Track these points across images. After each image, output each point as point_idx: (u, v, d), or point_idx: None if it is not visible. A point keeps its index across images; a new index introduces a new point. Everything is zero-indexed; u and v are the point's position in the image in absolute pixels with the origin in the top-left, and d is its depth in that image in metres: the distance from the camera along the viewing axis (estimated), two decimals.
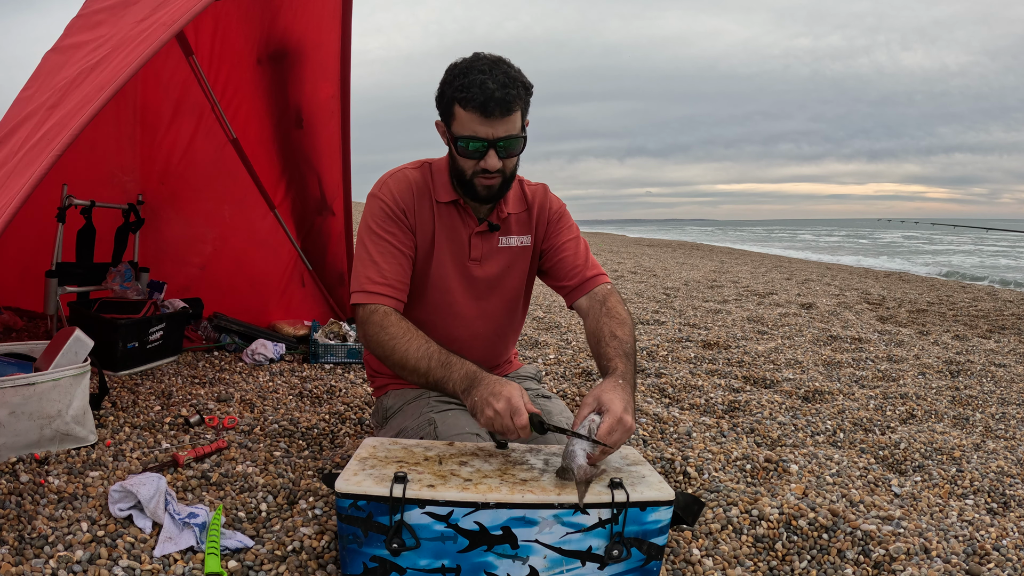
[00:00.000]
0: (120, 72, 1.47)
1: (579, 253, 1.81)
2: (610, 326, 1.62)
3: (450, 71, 1.56)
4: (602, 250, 17.30)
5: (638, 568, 1.32)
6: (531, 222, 1.82)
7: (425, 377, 1.51)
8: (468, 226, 1.75)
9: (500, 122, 1.52)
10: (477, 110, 1.51)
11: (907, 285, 10.18)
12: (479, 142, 1.55)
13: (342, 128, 3.44)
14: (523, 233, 1.81)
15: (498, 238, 1.78)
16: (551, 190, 1.89)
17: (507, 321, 1.91)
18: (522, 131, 1.59)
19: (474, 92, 1.49)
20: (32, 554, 1.37)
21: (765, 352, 4.22)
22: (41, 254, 3.03)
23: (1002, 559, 1.64)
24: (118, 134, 3.36)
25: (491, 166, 1.57)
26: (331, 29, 3.16)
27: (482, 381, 1.42)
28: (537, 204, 1.83)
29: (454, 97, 1.54)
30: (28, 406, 1.85)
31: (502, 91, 1.49)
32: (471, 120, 1.53)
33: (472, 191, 1.64)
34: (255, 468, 1.93)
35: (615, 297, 1.73)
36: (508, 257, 1.81)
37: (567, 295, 1.81)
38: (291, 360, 3.38)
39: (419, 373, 1.51)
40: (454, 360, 1.49)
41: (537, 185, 1.87)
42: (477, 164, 1.58)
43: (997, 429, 2.87)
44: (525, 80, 1.56)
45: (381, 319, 1.58)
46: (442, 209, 1.73)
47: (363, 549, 1.27)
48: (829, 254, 22.48)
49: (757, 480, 2.12)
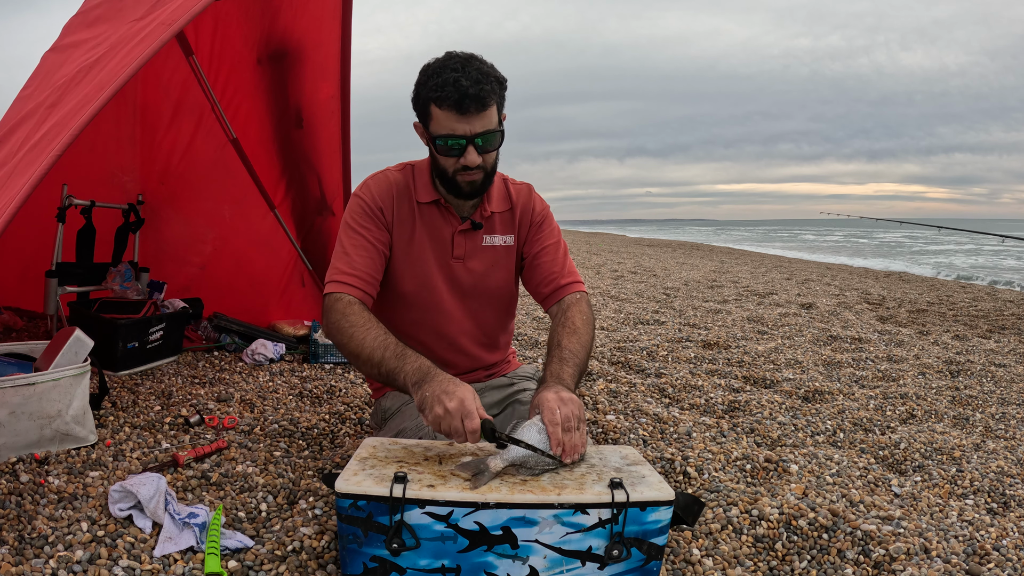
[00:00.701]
0: (120, 72, 1.47)
1: (556, 260, 1.82)
2: (560, 335, 1.65)
3: (423, 72, 1.58)
4: (602, 250, 17.30)
5: (638, 568, 1.32)
6: (514, 222, 1.83)
7: (378, 367, 1.50)
8: (451, 224, 1.76)
9: (476, 118, 1.54)
10: (453, 108, 1.52)
11: (907, 285, 10.18)
12: (457, 139, 1.56)
13: (342, 128, 3.44)
14: (507, 232, 1.82)
15: (482, 236, 1.79)
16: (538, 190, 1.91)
17: (496, 319, 1.91)
18: (499, 125, 1.61)
19: (448, 90, 1.51)
20: (32, 554, 1.37)
21: (765, 352, 4.22)
22: (41, 254, 3.03)
23: (1002, 559, 1.64)
24: (118, 134, 3.36)
25: (471, 162, 1.58)
26: (331, 29, 3.17)
27: (435, 377, 1.41)
28: (521, 204, 1.84)
29: (429, 97, 1.55)
30: (28, 406, 1.85)
31: (476, 87, 1.51)
32: (447, 118, 1.54)
33: (456, 188, 1.66)
34: (255, 468, 1.93)
35: (577, 307, 1.73)
36: (492, 256, 1.81)
37: (541, 302, 1.84)
38: (291, 360, 3.38)
39: (372, 363, 1.50)
40: (409, 353, 1.48)
41: (522, 184, 1.87)
42: (457, 161, 1.60)
43: (997, 429, 2.87)
44: (498, 75, 1.57)
45: (344, 308, 1.58)
46: (423, 209, 1.74)
47: (363, 549, 1.27)
48: (825, 254, 22.45)
49: (757, 480, 2.12)
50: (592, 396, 2.81)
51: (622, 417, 2.60)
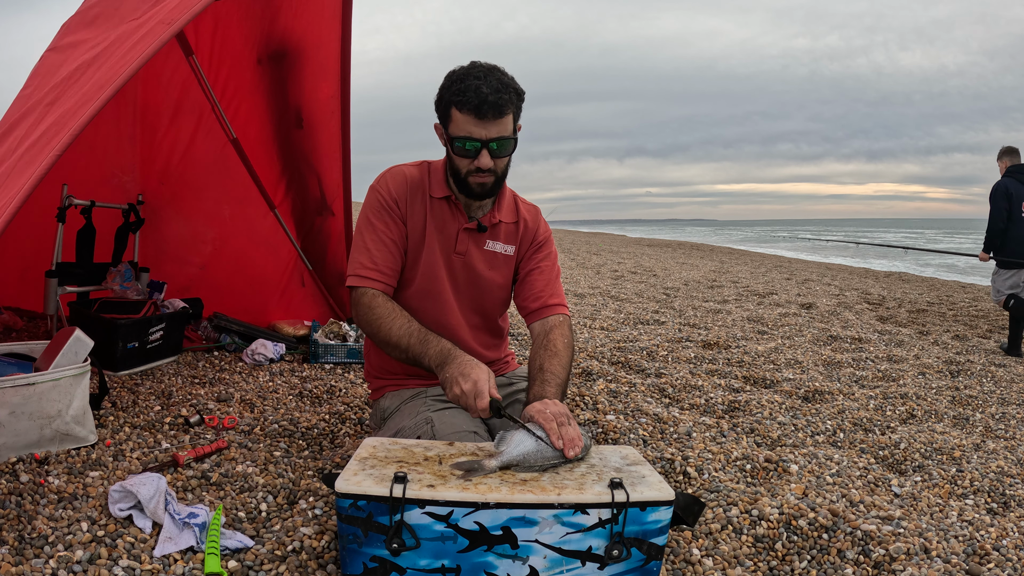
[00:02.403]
0: (120, 71, 1.47)
1: (549, 280, 1.93)
2: (542, 358, 1.74)
3: (448, 77, 1.67)
4: (602, 250, 17.30)
5: (638, 568, 1.32)
6: (518, 236, 1.94)
7: (406, 352, 1.66)
8: (458, 221, 1.85)
9: (493, 124, 1.64)
10: (472, 112, 1.62)
11: (907, 285, 10.18)
12: (473, 142, 1.66)
13: (342, 128, 3.44)
14: (509, 243, 1.93)
15: (485, 240, 1.89)
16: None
17: (492, 316, 2.00)
18: (513, 134, 1.71)
19: (470, 96, 1.60)
20: (32, 554, 1.37)
21: (765, 352, 4.22)
22: (41, 254, 3.03)
23: (1002, 559, 1.64)
24: (118, 134, 3.36)
25: (484, 164, 1.68)
26: (331, 29, 3.16)
27: (455, 359, 1.57)
28: (527, 222, 1.95)
29: (451, 100, 1.65)
30: (28, 406, 1.85)
31: (495, 95, 1.61)
32: (466, 122, 1.64)
33: (467, 188, 1.76)
34: (255, 468, 1.93)
35: (559, 330, 1.83)
36: (492, 260, 1.91)
37: (526, 316, 1.93)
38: (291, 360, 3.38)
39: (400, 348, 1.67)
40: (431, 337, 1.65)
41: (531, 205, 2.00)
42: (472, 163, 1.69)
43: (997, 429, 2.87)
44: (518, 87, 1.68)
45: (370, 300, 1.74)
46: (435, 204, 1.84)
47: (363, 549, 1.27)
48: (823, 254, 22.42)
49: (757, 480, 2.12)
50: (592, 396, 2.81)
51: (622, 417, 2.60)
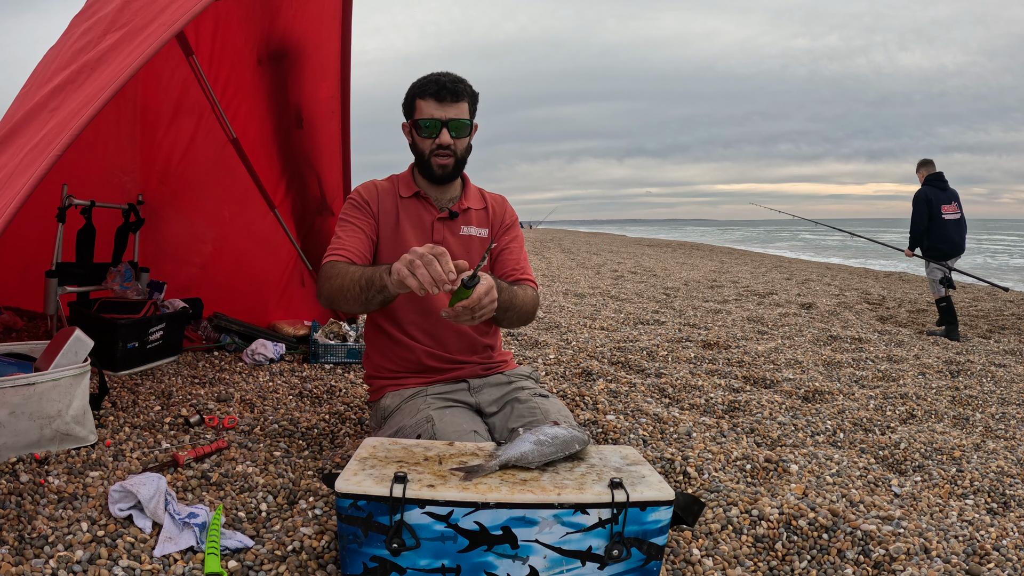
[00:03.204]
0: (120, 72, 1.47)
1: (520, 257, 2.07)
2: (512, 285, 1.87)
3: (412, 82, 1.93)
4: (602, 250, 17.30)
5: (638, 568, 1.32)
6: (488, 219, 2.08)
7: (358, 282, 1.68)
8: (431, 213, 1.99)
9: (451, 107, 1.87)
10: (433, 96, 1.87)
11: (907, 285, 10.18)
12: (435, 121, 1.87)
13: (342, 128, 3.44)
14: (482, 226, 2.06)
15: (459, 226, 2.02)
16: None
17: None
18: (470, 120, 1.92)
19: (431, 85, 1.87)
20: (32, 554, 1.37)
21: (765, 352, 4.22)
22: (41, 254, 3.03)
23: (1002, 559, 1.64)
24: (118, 134, 3.36)
25: (444, 141, 1.88)
26: (331, 29, 3.16)
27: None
28: (495, 207, 2.10)
29: (415, 93, 1.90)
30: (28, 406, 1.85)
31: (452, 84, 1.87)
32: (428, 106, 1.88)
33: (430, 171, 1.93)
34: (255, 468, 1.93)
35: (526, 289, 1.93)
36: (468, 244, 2.01)
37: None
38: (291, 360, 3.38)
39: (354, 280, 1.70)
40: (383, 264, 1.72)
41: (498, 195, 2.16)
42: (433, 142, 1.89)
43: (997, 429, 2.87)
44: (472, 88, 1.93)
45: (330, 265, 1.82)
46: (406, 202, 1.99)
47: (363, 549, 1.27)
48: (825, 255, 22.42)
49: (757, 480, 2.12)
50: (592, 396, 2.81)
51: (622, 417, 2.60)
